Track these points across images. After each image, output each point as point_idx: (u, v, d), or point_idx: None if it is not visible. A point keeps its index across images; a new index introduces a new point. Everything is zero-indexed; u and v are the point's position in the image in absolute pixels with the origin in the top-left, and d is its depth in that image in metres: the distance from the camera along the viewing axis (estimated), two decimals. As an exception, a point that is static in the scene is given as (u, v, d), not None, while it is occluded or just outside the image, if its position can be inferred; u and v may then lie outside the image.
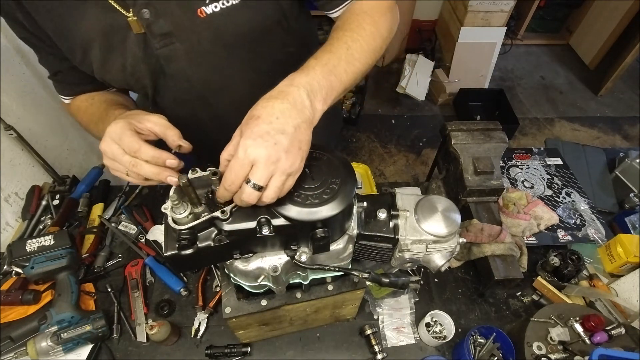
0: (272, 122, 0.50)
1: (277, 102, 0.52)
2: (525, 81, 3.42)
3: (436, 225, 0.64)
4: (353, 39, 0.65)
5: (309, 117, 0.54)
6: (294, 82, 0.55)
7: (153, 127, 0.61)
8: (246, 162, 0.50)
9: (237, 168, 0.50)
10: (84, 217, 1.12)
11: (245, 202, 0.52)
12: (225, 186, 0.52)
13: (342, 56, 0.62)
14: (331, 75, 0.59)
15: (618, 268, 1.02)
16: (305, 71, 0.58)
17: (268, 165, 0.50)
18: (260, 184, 0.50)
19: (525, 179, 1.26)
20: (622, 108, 3.22)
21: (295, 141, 0.51)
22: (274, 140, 0.50)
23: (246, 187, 0.50)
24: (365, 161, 2.75)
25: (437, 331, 0.94)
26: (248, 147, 0.50)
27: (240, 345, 0.91)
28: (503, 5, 2.69)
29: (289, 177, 0.52)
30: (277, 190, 0.51)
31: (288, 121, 0.51)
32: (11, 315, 0.91)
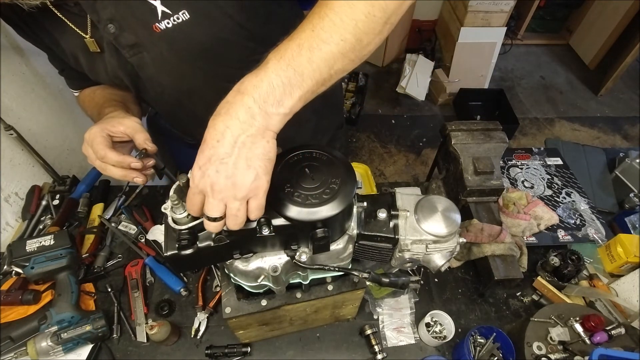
0: (213, 147, 0.47)
1: (219, 120, 0.48)
2: (525, 81, 3.42)
3: (436, 225, 0.64)
4: (320, 16, 0.50)
5: (259, 127, 0.48)
6: (240, 88, 0.49)
7: (125, 130, 0.71)
8: (197, 190, 0.49)
9: (191, 199, 0.50)
10: (84, 217, 1.12)
11: (212, 231, 0.53)
12: (188, 208, 0.53)
13: (303, 42, 0.49)
14: (288, 69, 0.49)
15: (618, 268, 1.02)
16: (255, 72, 0.50)
17: (215, 196, 0.47)
18: (213, 215, 0.49)
19: (525, 179, 1.26)
20: (622, 108, 3.22)
21: (240, 161, 0.47)
22: (215, 167, 0.47)
23: (205, 219, 0.50)
24: (365, 161, 2.75)
25: (437, 331, 0.94)
26: (194, 177, 0.48)
27: (240, 345, 0.91)
28: (503, 5, 2.69)
29: (244, 200, 0.48)
30: (235, 217, 0.49)
31: (229, 142, 0.47)
32: (11, 315, 0.91)
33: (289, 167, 0.59)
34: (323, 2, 0.52)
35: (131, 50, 0.71)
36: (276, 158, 0.51)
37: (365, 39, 0.52)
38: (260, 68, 0.50)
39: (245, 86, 0.49)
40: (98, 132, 0.69)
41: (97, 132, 0.69)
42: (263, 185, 0.49)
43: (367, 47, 0.53)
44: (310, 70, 0.50)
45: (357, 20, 0.50)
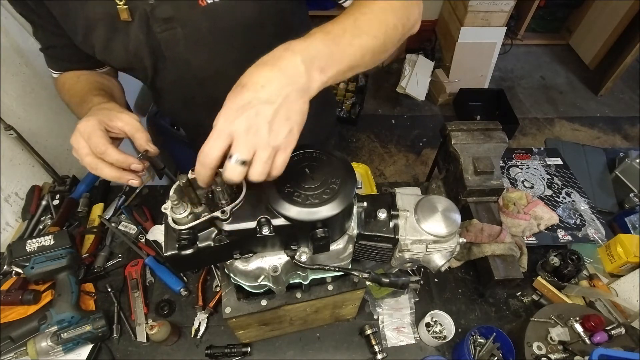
0: (257, 91, 0.46)
1: (265, 69, 0.48)
2: (525, 81, 3.42)
3: (436, 225, 0.64)
4: (361, 12, 0.59)
5: (302, 85, 0.48)
6: (289, 47, 0.50)
7: (124, 127, 0.64)
8: (224, 133, 0.46)
9: (213, 139, 0.47)
10: (84, 217, 1.12)
11: (229, 178, 0.47)
12: (200, 160, 0.47)
13: (347, 27, 0.56)
14: (333, 44, 0.53)
15: (618, 268, 1.02)
16: (304, 38, 0.52)
17: (249, 138, 0.46)
18: (242, 157, 0.46)
19: (525, 179, 1.26)
20: (622, 108, 3.22)
21: (282, 110, 0.46)
22: (255, 110, 0.45)
23: (228, 162, 0.46)
24: (365, 161, 2.75)
25: (437, 331, 0.94)
26: (228, 117, 0.46)
27: (240, 345, 0.91)
28: (503, 5, 2.69)
29: (277, 151, 0.47)
30: (264, 165, 0.47)
31: (275, 89, 0.46)
32: (11, 315, 0.91)
33: (289, 167, 0.59)
34: (362, 3, 0.61)
35: (164, 25, 0.69)
36: None
37: (389, 45, 0.61)
38: (308, 36, 0.52)
39: (294, 46, 0.50)
40: (96, 125, 0.61)
41: (95, 124, 0.61)
42: (293, 142, 0.49)
43: (385, 53, 0.61)
44: (350, 52, 0.55)
45: (387, 26, 0.60)
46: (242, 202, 0.56)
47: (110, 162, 0.61)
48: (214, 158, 0.47)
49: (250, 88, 0.47)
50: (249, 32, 0.74)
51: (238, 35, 0.74)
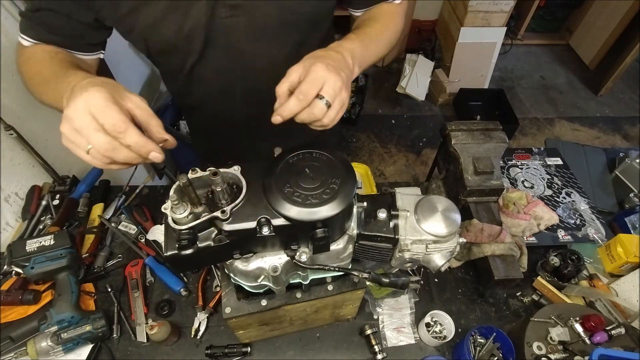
0: (335, 60, 0.63)
1: (332, 52, 0.65)
2: (525, 81, 3.42)
3: (436, 225, 0.64)
4: (381, 30, 0.81)
5: (348, 75, 0.64)
6: (341, 46, 0.68)
7: (134, 110, 0.52)
8: (319, 80, 0.59)
9: (311, 82, 0.59)
10: (84, 217, 1.12)
11: (315, 115, 0.59)
12: (299, 97, 0.58)
13: (372, 39, 0.77)
14: (365, 49, 0.72)
15: (618, 268, 1.02)
16: (348, 40, 0.71)
17: (335, 89, 0.59)
18: (330, 100, 0.59)
19: (525, 179, 1.26)
20: (622, 108, 3.22)
21: (348, 83, 0.63)
22: (339, 72, 0.61)
23: (318, 101, 0.59)
24: (365, 161, 2.75)
25: (437, 331, 0.94)
26: (322, 69, 0.59)
27: (240, 345, 0.91)
28: (503, 5, 2.69)
29: (343, 106, 0.62)
30: (338, 111, 0.61)
31: (343, 66, 0.64)
32: (11, 315, 0.91)
33: (289, 167, 0.59)
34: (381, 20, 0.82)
35: (230, 11, 0.70)
36: (276, 158, 0.55)
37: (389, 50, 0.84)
38: (350, 40, 0.72)
39: (344, 46, 0.69)
40: (109, 98, 0.49)
41: (108, 97, 0.49)
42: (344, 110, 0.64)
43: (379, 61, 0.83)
44: (371, 56, 0.76)
45: (391, 43, 0.84)
46: (242, 202, 0.56)
47: (127, 145, 0.49)
48: (311, 97, 0.59)
49: (329, 58, 0.63)
50: (307, 27, 0.79)
51: (297, 30, 0.78)
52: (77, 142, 0.49)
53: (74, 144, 0.50)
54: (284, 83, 0.61)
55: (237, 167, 0.59)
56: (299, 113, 0.59)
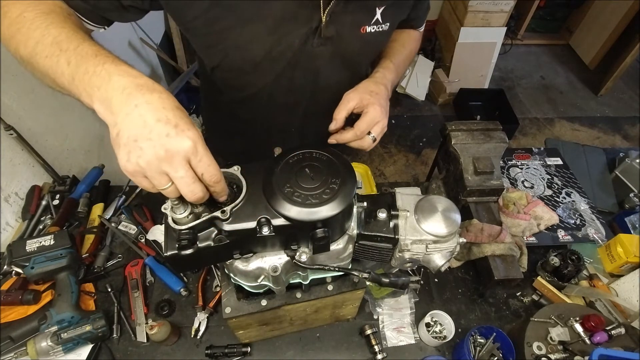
0: (385, 99, 0.78)
1: (382, 88, 0.78)
2: (525, 81, 3.42)
3: (436, 225, 0.64)
4: (407, 57, 0.94)
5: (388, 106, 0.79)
6: (385, 78, 0.82)
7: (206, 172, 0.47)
8: (374, 121, 0.74)
9: (368, 122, 0.74)
10: (84, 217, 1.12)
11: (363, 147, 0.77)
12: (357, 133, 0.74)
13: (401, 66, 0.91)
14: (396, 78, 0.87)
15: (618, 268, 1.02)
16: (388, 71, 0.84)
17: (383, 128, 0.77)
18: (375, 136, 0.76)
19: (525, 179, 1.26)
20: (622, 108, 3.22)
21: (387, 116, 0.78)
22: (387, 113, 0.77)
23: (368, 137, 0.76)
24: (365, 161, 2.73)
25: (437, 331, 0.94)
26: (378, 112, 0.74)
27: (240, 345, 0.91)
28: (503, 5, 2.69)
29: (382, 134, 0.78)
30: (378, 142, 0.78)
31: (387, 102, 0.79)
32: (11, 315, 0.91)
33: (289, 167, 0.59)
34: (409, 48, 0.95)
35: (322, 41, 0.73)
36: (276, 158, 0.55)
37: None
38: (389, 70, 0.85)
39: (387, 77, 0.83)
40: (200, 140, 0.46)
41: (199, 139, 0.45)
42: None
43: None
44: (397, 80, 0.90)
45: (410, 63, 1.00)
46: (242, 202, 0.56)
47: (213, 191, 0.51)
48: (365, 134, 0.76)
49: (382, 96, 0.77)
50: (368, 60, 0.88)
51: (362, 62, 0.87)
52: (156, 180, 0.45)
53: (148, 180, 0.46)
54: (343, 110, 0.75)
55: (237, 167, 0.59)
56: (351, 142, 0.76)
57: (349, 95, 0.76)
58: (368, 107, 0.74)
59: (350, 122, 0.77)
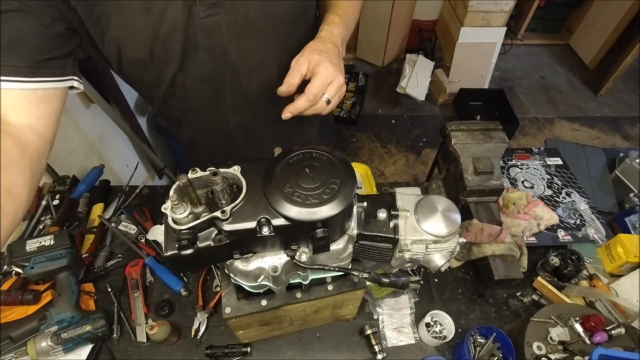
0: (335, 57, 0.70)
1: (330, 46, 0.71)
2: (525, 81, 3.42)
3: (436, 225, 0.64)
4: (353, 8, 0.84)
5: (341, 63, 0.73)
6: (333, 35, 0.74)
7: None
8: (327, 81, 0.68)
9: (320, 83, 0.67)
10: (84, 217, 1.12)
11: (317, 111, 0.70)
12: (310, 97, 0.67)
13: (350, 17, 0.82)
14: (346, 31, 0.80)
15: (618, 268, 1.02)
16: (335, 26, 0.76)
17: (338, 87, 0.69)
18: (330, 99, 0.69)
19: (525, 179, 1.26)
20: (622, 108, 3.22)
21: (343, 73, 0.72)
22: (341, 70, 0.71)
23: (321, 100, 0.69)
24: (365, 161, 2.76)
25: (437, 331, 0.94)
26: (329, 69, 0.67)
27: (240, 345, 0.91)
28: (503, 5, 2.69)
29: (340, 97, 0.72)
30: (335, 104, 0.72)
31: (340, 59, 0.72)
32: (11, 315, 0.91)
33: (289, 167, 0.59)
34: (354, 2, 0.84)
35: (209, 9, 0.65)
36: (276, 158, 0.55)
37: None
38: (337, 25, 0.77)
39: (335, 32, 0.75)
40: None
41: None
42: None
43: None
44: (348, 36, 0.81)
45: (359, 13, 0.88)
46: (242, 202, 0.56)
47: None
48: (319, 97, 0.68)
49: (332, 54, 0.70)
50: (292, 21, 0.76)
51: (283, 24, 0.75)
52: None
53: None
54: (296, 75, 0.67)
55: (237, 167, 0.59)
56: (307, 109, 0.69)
57: (298, 61, 0.68)
58: (318, 67, 0.67)
59: None
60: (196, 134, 0.98)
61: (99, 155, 1.61)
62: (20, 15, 0.57)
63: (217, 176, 0.53)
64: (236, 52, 0.73)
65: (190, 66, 0.73)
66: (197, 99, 0.82)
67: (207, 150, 1.03)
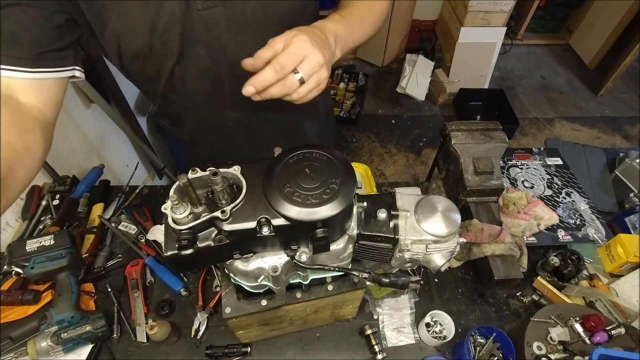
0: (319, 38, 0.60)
1: (316, 30, 0.62)
2: (525, 81, 3.42)
3: (436, 225, 0.64)
4: (368, 13, 0.77)
5: (330, 56, 0.62)
6: (326, 26, 0.65)
7: None
8: (300, 54, 0.57)
9: (291, 54, 0.56)
10: (84, 217, 1.12)
11: (285, 90, 0.58)
12: (276, 68, 0.56)
13: (357, 20, 0.74)
14: (349, 32, 0.70)
15: (618, 268, 1.02)
16: (332, 21, 0.68)
17: (314, 65, 0.58)
18: (304, 77, 0.58)
19: (525, 179, 1.26)
20: (622, 108, 3.23)
21: (329, 63, 0.61)
22: (322, 49, 0.59)
23: (292, 76, 0.57)
24: (365, 161, 2.76)
25: (437, 331, 0.94)
26: (305, 42, 0.57)
27: (240, 345, 0.91)
28: (503, 5, 2.69)
29: (319, 85, 0.61)
30: (311, 89, 0.60)
31: (326, 46, 0.61)
32: (11, 315, 0.91)
33: (289, 167, 0.59)
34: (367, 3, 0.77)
35: (206, 2, 0.65)
36: (276, 158, 0.55)
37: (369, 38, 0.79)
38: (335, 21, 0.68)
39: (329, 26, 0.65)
40: None
41: None
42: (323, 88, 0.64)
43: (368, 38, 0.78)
44: (355, 39, 0.73)
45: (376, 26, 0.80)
46: (242, 202, 0.56)
47: None
48: (288, 71, 0.57)
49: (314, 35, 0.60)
50: (291, 18, 0.74)
51: (281, 21, 0.72)
52: None
53: None
54: (268, 51, 0.58)
55: (237, 167, 0.59)
56: (272, 85, 0.57)
57: (274, 39, 0.60)
58: (292, 39, 0.58)
59: None
60: (196, 132, 0.98)
61: (99, 155, 1.61)
62: (21, 9, 0.59)
63: (217, 176, 0.53)
64: (233, 46, 0.73)
65: (188, 60, 0.73)
66: (195, 93, 0.82)
67: (207, 149, 1.03)
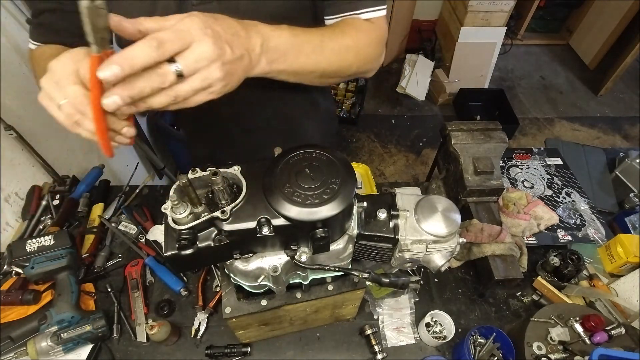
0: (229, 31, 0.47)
1: (234, 22, 0.50)
2: (525, 81, 3.42)
3: (436, 225, 0.64)
4: (331, 39, 0.65)
5: (237, 58, 0.49)
6: (256, 27, 0.54)
7: None
8: (186, 38, 0.43)
9: (175, 33, 0.42)
10: (84, 217, 1.12)
11: (155, 82, 0.43)
12: (152, 43, 0.41)
13: (312, 41, 0.62)
14: (292, 48, 0.58)
15: (618, 268, 1.02)
16: (273, 27, 0.57)
17: (201, 59, 0.43)
18: (183, 70, 0.43)
19: (525, 179, 1.26)
20: (622, 108, 3.23)
21: (235, 66, 0.48)
22: (223, 44, 0.45)
23: (166, 65, 0.42)
24: (365, 161, 2.76)
25: (437, 331, 0.94)
26: (197, 25, 0.43)
27: (240, 345, 0.91)
28: (503, 5, 2.69)
29: (209, 88, 0.47)
30: (195, 90, 0.45)
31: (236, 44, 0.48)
32: (11, 315, 0.91)
33: (289, 167, 0.59)
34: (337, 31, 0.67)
35: None
36: (276, 158, 0.54)
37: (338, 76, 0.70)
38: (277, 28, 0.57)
39: (262, 28, 0.54)
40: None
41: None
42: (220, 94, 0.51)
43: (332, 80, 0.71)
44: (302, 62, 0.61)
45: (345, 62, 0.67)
46: (242, 202, 0.56)
47: None
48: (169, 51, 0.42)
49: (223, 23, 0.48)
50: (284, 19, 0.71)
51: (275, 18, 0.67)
52: (53, 95, 0.47)
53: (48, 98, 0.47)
54: (151, 20, 0.45)
55: (237, 167, 0.59)
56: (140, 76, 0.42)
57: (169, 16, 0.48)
58: (183, 19, 0.45)
59: None
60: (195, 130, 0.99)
61: (99, 155, 1.61)
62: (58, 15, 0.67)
63: (217, 176, 0.53)
64: None
65: None
66: None
67: (206, 147, 1.03)
